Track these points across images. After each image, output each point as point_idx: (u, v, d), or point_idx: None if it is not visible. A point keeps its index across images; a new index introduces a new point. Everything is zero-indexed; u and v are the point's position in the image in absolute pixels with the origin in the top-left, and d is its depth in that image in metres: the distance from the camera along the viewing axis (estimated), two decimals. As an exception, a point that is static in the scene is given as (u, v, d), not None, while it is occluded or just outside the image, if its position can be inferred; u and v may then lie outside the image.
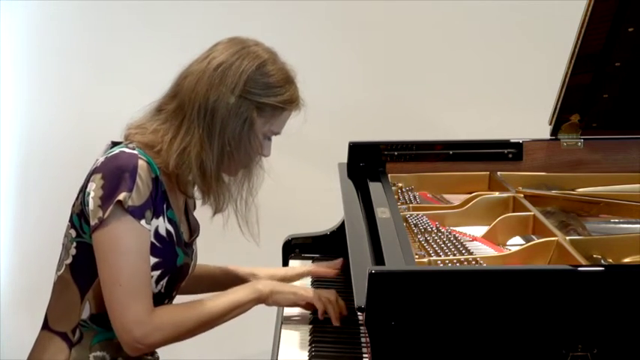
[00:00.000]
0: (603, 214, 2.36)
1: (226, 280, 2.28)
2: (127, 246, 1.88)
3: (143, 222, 1.89)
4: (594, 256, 1.98)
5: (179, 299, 2.12)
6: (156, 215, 1.94)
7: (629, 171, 2.57)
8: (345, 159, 2.63)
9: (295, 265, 2.53)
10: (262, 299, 2.01)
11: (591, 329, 1.63)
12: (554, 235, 2.02)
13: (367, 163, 2.61)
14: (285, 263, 2.57)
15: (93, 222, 1.89)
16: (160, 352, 2.09)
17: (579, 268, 1.75)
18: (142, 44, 3.51)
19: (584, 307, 1.63)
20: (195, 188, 2.04)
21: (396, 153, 2.63)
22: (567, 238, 2.01)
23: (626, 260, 2.01)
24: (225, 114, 1.93)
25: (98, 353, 1.97)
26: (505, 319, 1.63)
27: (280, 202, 3.49)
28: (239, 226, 2.04)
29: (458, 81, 3.48)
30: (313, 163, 3.44)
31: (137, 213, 1.88)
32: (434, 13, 3.46)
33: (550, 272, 1.71)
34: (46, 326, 2.02)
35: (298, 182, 3.46)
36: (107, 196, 1.87)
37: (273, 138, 2.05)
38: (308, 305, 2.08)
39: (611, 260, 1.99)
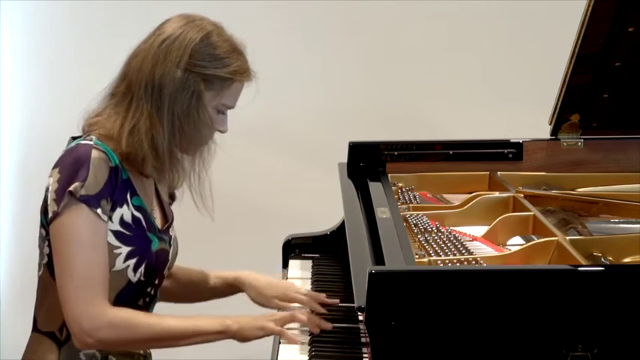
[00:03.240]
0: (603, 214, 2.36)
1: (204, 286, 2.23)
2: (81, 236, 1.85)
3: (99, 211, 1.87)
4: (594, 255, 1.98)
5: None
6: (119, 204, 1.92)
7: (629, 171, 2.57)
8: (345, 159, 2.63)
9: (295, 264, 2.53)
10: (230, 335, 1.95)
11: (591, 329, 1.63)
12: (554, 235, 2.02)
13: (367, 163, 2.61)
14: (285, 263, 2.57)
15: (49, 215, 1.88)
16: (158, 352, 2.08)
17: (579, 268, 1.76)
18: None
19: (584, 307, 1.63)
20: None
21: (396, 153, 2.63)
22: (567, 237, 2.01)
23: (626, 260, 2.01)
24: (172, 89, 1.91)
25: (88, 351, 1.95)
26: (505, 319, 1.63)
27: (280, 202, 3.50)
28: (194, 201, 2.02)
29: (458, 81, 3.48)
30: (313, 163, 3.44)
31: (92, 202, 1.86)
32: (434, 13, 3.46)
33: (550, 272, 1.71)
34: (35, 328, 2.01)
35: (298, 182, 3.46)
36: (62, 189, 1.86)
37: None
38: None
39: (611, 260, 1.99)
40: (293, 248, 2.60)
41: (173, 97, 1.92)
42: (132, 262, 1.94)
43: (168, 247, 2.06)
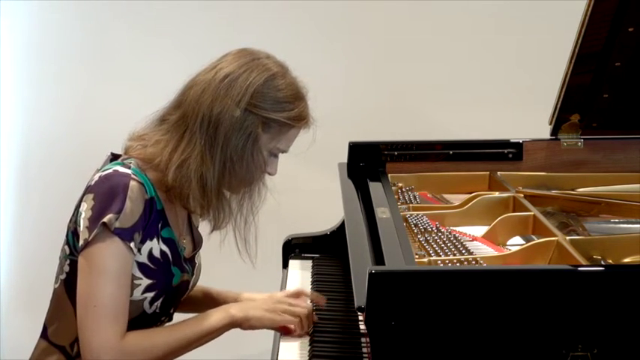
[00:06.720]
0: (603, 214, 2.36)
1: (209, 305, 2.18)
2: (109, 268, 1.82)
3: (132, 245, 1.84)
4: (594, 256, 1.98)
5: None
6: (149, 238, 1.90)
7: (629, 171, 2.57)
8: (345, 159, 2.63)
9: (295, 264, 2.53)
10: (236, 324, 1.94)
11: (591, 329, 1.63)
12: (554, 235, 2.02)
13: (367, 163, 2.61)
14: (285, 263, 2.57)
15: (80, 243, 1.84)
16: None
17: (579, 268, 1.76)
18: (142, 45, 3.51)
19: (584, 307, 1.63)
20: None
21: (396, 153, 2.63)
22: (567, 238, 2.01)
23: (626, 260, 2.01)
24: (228, 127, 1.87)
25: None
26: (505, 319, 1.63)
27: (280, 202, 3.49)
28: (236, 245, 1.99)
29: (458, 81, 3.48)
30: (313, 163, 3.44)
31: (125, 235, 1.83)
32: (434, 13, 3.46)
33: (550, 272, 1.71)
34: (45, 335, 2.00)
35: (298, 182, 3.46)
36: (95, 218, 1.83)
37: None
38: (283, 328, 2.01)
39: (611, 260, 1.99)
40: (293, 248, 2.60)
41: (228, 136, 1.88)
42: (150, 294, 1.91)
43: (190, 276, 2.03)
